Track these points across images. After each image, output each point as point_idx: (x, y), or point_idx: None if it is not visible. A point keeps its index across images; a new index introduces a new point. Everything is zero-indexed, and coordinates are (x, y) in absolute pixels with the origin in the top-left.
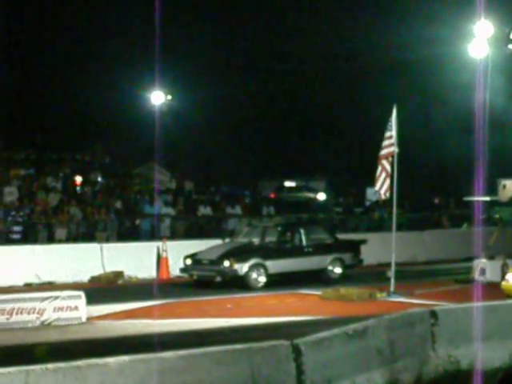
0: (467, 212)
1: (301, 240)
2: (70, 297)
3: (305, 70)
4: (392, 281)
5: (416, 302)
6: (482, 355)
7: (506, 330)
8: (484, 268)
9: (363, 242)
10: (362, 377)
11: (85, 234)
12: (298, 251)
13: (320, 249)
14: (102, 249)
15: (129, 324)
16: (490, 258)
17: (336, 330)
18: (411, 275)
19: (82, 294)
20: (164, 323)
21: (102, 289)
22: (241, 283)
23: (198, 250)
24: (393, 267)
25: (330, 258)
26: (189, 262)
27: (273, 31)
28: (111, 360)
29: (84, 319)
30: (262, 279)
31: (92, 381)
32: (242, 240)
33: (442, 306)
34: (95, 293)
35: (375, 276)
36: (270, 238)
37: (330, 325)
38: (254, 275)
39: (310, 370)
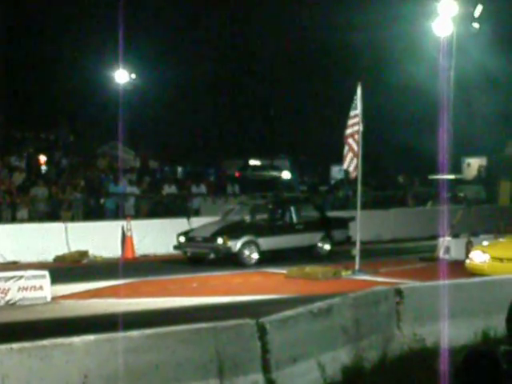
0: (432, 190)
1: (291, 217)
2: (34, 276)
3: (268, 48)
4: (357, 259)
5: (381, 280)
6: (448, 333)
7: (471, 307)
8: (449, 246)
9: (352, 218)
10: (328, 355)
11: (49, 213)
12: (288, 228)
13: (310, 226)
14: (66, 228)
15: (94, 303)
16: (455, 236)
17: (301, 309)
18: (376, 253)
19: (46, 273)
20: (129, 302)
21: (67, 268)
22: (234, 260)
23: (191, 228)
24: (358, 245)
25: (319, 234)
26: (182, 239)
27: (237, 10)
28: (77, 339)
29: (49, 299)
30: (255, 256)
31: (57, 360)
32: (233, 217)
33: (407, 284)
34: (60, 272)
35: (340, 254)
36: (261, 216)
37: (295, 303)
38: (246, 252)
39: (276, 348)
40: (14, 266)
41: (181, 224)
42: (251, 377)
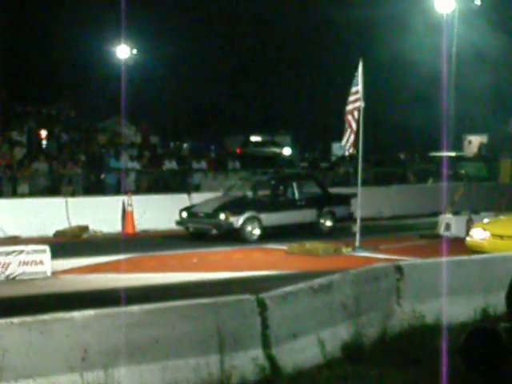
0: (433, 167)
1: (293, 193)
2: (34, 251)
3: (271, 25)
4: (357, 236)
5: (381, 257)
6: (447, 310)
7: (471, 285)
8: (449, 223)
9: (354, 195)
10: (327, 331)
11: (50, 188)
12: (290, 204)
13: (312, 202)
14: (67, 203)
15: (94, 278)
16: (456, 213)
17: (301, 285)
18: (377, 230)
19: (46, 248)
20: (129, 277)
21: (67, 243)
22: (236, 236)
23: (192, 203)
24: (358, 222)
25: (321, 211)
26: (184, 215)
27: None
28: (77, 314)
29: (49, 273)
30: (257, 232)
31: (57, 335)
32: (235, 193)
33: (407, 260)
34: (60, 247)
35: (342, 231)
36: (263, 192)
37: (295, 279)
38: (248, 228)
39: (276, 324)
40: (15, 240)
41: (181, 200)
42: (251, 352)
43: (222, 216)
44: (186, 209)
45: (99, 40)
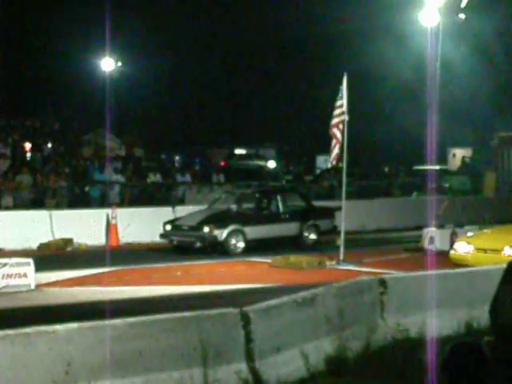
0: (417, 181)
1: (277, 206)
2: (18, 264)
3: (256, 37)
4: (341, 249)
5: (365, 270)
6: (431, 323)
7: (455, 298)
8: (433, 237)
9: (338, 208)
10: (311, 345)
11: (34, 200)
12: (274, 218)
13: (296, 215)
14: (51, 216)
15: (78, 291)
16: (440, 226)
17: (285, 298)
18: (361, 243)
19: (30, 260)
20: (113, 290)
21: (51, 256)
22: (220, 249)
23: (176, 216)
24: (342, 235)
25: (305, 224)
26: (168, 227)
27: None
28: (60, 327)
29: (33, 286)
30: (241, 245)
31: (40, 348)
32: (220, 206)
33: (391, 274)
34: (44, 260)
35: (326, 244)
36: (248, 205)
37: (279, 293)
38: (232, 241)
39: (259, 338)
40: None
41: (165, 212)
42: (235, 365)
43: (206, 229)
44: (170, 222)
45: (84, 52)
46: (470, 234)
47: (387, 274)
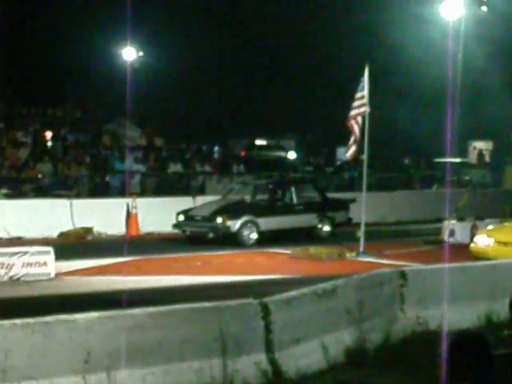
0: (438, 173)
1: (291, 198)
2: (38, 252)
3: (279, 29)
4: (362, 241)
5: (385, 263)
6: (451, 317)
7: (475, 291)
8: (453, 229)
9: (352, 200)
10: (331, 336)
11: (55, 189)
12: (288, 209)
13: (310, 207)
14: (71, 204)
15: (97, 280)
16: (460, 219)
17: (305, 290)
18: (381, 235)
19: (50, 249)
20: (132, 280)
21: (71, 245)
22: (233, 240)
23: (190, 207)
24: (362, 227)
25: (319, 216)
26: (181, 218)
27: None
28: (79, 316)
29: (53, 275)
30: (254, 236)
31: (60, 336)
32: (233, 197)
33: (411, 266)
34: (64, 248)
35: (345, 236)
36: (262, 196)
37: (299, 284)
38: (245, 232)
39: (279, 328)
40: (19, 241)
41: (185, 202)
42: (254, 356)
43: (219, 220)
44: (183, 212)
45: (105, 41)
46: (490, 227)
47: (407, 267)
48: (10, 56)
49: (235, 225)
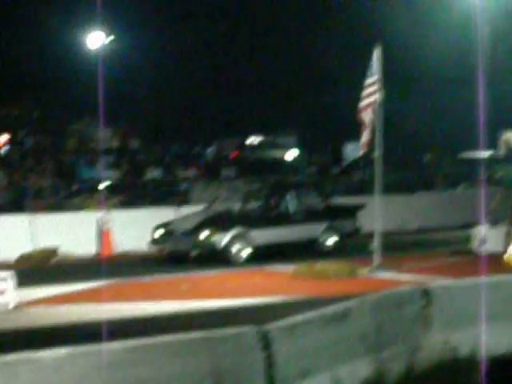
0: (464, 171)
1: (289, 206)
2: None
3: (276, 7)
4: (376, 254)
5: (405, 279)
6: (485, 340)
7: None
8: (485, 237)
9: (361, 207)
10: (344, 368)
11: (11, 203)
12: (285, 219)
13: (311, 216)
14: (31, 221)
15: (66, 310)
16: (492, 224)
17: (312, 314)
18: (399, 246)
19: (9, 274)
20: (108, 308)
21: (34, 269)
22: (221, 257)
23: (169, 219)
24: (377, 237)
25: (322, 226)
26: (159, 233)
27: None
28: (46, 354)
29: (12, 305)
30: (246, 252)
31: (24, 379)
32: (220, 207)
33: (435, 282)
34: (25, 274)
35: (355, 248)
36: (253, 204)
37: (304, 307)
38: (235, 248)
39: (282, 361)
40: None
41: (168, 214)
42: None
43: (204, 234)
44: (162, 225)
45: (67, 24)
46: None
47: (431, 283)
48: None
49: (222, 240)
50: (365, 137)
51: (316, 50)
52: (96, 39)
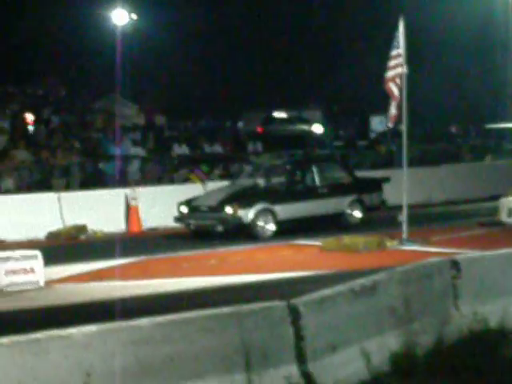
0: (491, 142)
1: (314, 180)
2: (24, 257)
3: None
4: (404, 226)
5: (433, 251)
6: None
7: None
8: None
9: (386, 179)
10: (373, 341)
11: (39, 181)
12: (310, 193)
13: (336, 189)
14: (59, 199)
15: (95, 287)
16: None
17: (340, 287)
18: (427, 219)
19: (38, 253)
20: (136, 285)
21: (62, 246)
22: (246, 233)
23: (194, 196)
24: (405, 210)
25: (348, 199)
26: (184, 209)
27: None
28: (75, 331)
29: (42, 283)
30: (271, 227)
31: (54, 356)
32: (244, 182)
33: (464, 254)
34: (54, 251)
35: (383, 221)
36: (278, 179)
37: (332, 281)
38: (260, 223)
39: (311, 335)
40: (0, 245)
41: (195, 190)
42: (283, 369)
43: (229, 210)
44: (186, 202)
45: (91, 3)
46: None
47: (460, 255)
48: None
49: (247, 215)
50: (393, 110)
51: (341, 24)
52: (119, 17)
